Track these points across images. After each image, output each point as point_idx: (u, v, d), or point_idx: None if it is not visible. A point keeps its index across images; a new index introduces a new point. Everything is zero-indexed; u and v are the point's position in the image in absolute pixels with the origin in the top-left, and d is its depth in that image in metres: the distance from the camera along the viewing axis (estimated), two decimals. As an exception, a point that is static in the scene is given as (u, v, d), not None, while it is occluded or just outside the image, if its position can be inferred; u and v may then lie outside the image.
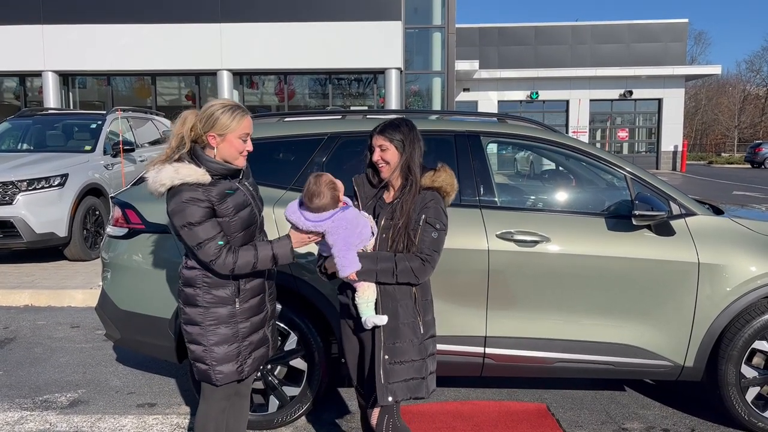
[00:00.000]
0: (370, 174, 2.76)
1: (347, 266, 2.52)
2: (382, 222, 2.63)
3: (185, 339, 2.67)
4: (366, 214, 2.66)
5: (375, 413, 2.65)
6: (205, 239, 2.44)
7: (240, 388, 2.80)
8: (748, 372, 3.60)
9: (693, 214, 3.68)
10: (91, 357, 5.01)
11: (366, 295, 2.58)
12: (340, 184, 2.58)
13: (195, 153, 2.51)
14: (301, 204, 2.58)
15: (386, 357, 2.57)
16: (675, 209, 3.65)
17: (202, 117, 2.49)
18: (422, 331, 2.63)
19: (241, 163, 2.57)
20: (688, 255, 3.55)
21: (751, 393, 3.62)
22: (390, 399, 2.57)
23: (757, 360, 3.62)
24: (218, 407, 2.72)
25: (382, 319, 2.56)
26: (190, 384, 3.90)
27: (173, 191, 2.45)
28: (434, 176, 2.63)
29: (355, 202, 2.74)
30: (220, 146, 2.50)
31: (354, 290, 2.62)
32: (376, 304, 2.60)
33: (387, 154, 2.63)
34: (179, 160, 2.48)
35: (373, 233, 2.62)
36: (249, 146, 2.57)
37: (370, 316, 2.57)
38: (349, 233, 2.53)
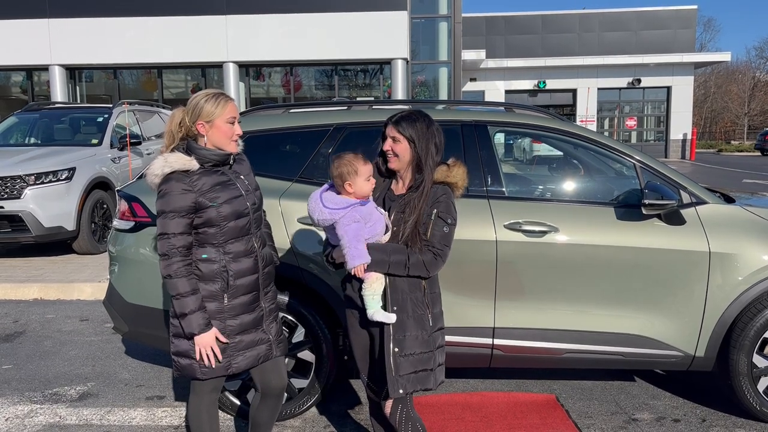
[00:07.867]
0: (380, 162, 2.73)
1: (356, 257, 2.48)
2: (393, 215, 2.61)
3: (170, 332, 2.65)
4: (382, 210, 2.63)
5: (388, 405, 2.65)
6: (170, 233, 2.49)
7: (276, 390, 2.81)
8: (760, 362, 3.56)
9: (704, 202, 3.64)
10: (100, 350, 5.03)
11: (374, 288, 2.55)
12: (371, 179, 2.61)
13: (189, 146, 2.59)
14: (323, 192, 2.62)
15: (396, 350, 2.55)
16: (685, 198, 3.62)
17: (188, 109, 2.58)
18: (431, 324, 2.61)
19: (232, 148, 2.61)
20: (698, 244, 3.52)
21: (763, 383, 3.59)
22: (401, 391, 2.57)
23: (769, 350, 3.59)
24: (209, 399, 2.72)
25: (390, 318, 2.54)
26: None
27: (164, 179, 2.52)
28: (448, 172, 2.62)
29: None
30: (209, 133, 2.57)
31: (361, 282, 2.59)
32: (384, 296, 2.57)
33: (398, 147, 2.61)
34: (171, 152, 2.58)
35: (387, 228, 2.60)
36: (238, 130, 2.61)
37: (377, 312, 2.54)
38: (360, 226, 2.51)
